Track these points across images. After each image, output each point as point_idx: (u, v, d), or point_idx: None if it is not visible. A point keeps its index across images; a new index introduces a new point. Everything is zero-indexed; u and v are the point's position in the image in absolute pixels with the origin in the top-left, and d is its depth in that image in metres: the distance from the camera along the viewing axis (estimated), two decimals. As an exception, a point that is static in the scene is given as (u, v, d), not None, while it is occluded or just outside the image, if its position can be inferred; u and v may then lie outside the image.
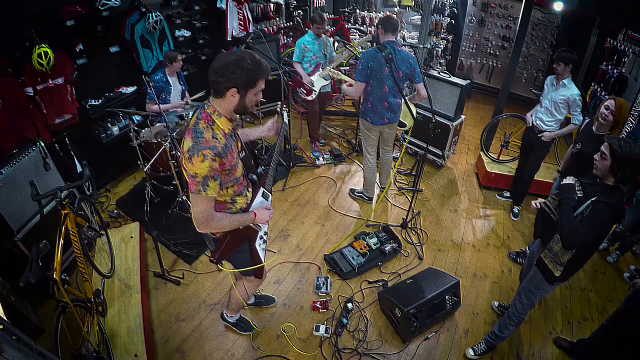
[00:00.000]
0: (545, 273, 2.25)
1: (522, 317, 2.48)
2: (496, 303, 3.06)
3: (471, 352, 2.69)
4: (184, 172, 1.70)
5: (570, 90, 3.23)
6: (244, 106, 1.70)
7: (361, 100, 3.56)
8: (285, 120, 2.23)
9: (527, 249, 3.39)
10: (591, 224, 1.95)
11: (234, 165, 1.79)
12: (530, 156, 3.71)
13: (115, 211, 3.83)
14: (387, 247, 3.38)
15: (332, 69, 3.87)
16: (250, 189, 2.00)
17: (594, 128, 2.79)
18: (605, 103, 2.66)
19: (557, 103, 3.32)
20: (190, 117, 3.24)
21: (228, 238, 1.92)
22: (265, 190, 2.05)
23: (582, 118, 3.32)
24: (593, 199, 1.97)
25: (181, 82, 4.00)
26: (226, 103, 1.67)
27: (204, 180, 1.61)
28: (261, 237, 2.09)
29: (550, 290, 2.36)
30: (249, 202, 1.97)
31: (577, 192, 2.10)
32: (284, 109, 2.35)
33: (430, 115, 3.28)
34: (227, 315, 2.72)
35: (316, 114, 4.53)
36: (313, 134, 4.83)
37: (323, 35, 4.35)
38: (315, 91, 4.34)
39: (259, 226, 2.03)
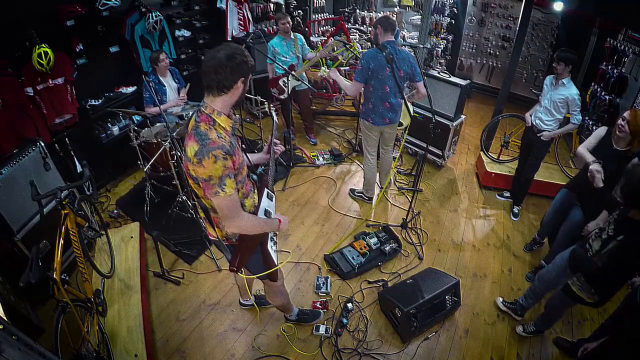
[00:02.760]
0: (574, 298, 2.25)
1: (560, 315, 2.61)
2: (500, 299, 3.05)
3: (521, 328, 2.81)
4: (191, 180, 1.68)
5: (569, 90, 3.23)
6: (244, 94, 1.73)
7: (361, 101, 3.55)
8: (275, 119, 2.24)
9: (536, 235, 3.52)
10: (617, 267, 1.95)
11: (242, 162, 1.79)
12: (529, 156, 3.71)
13: (115, 211, 3.84)
14: (387, 247, 3.38)
15: (327, 69, 3.87)
16: (255, 190, 2.00)
17: (613, 143, 2.64)
18: (623, 114, 2.55)
19: (556, 102, 3.32)
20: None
21: (244, 243, 1.90)
22: (269, 191, 2.04)
23: (581, 117, 3.32)
24: (619, 238, 1.94)
25: (176, 80, 3.97)
26: (229, 97, 1.65)
27: (220, 180, 1.58)
28: (272, 239, 2.07)
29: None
30: (256, 204, 1.96)
31: (610, 231, 2.05)
32: (272, 109, 2.37)
33: (430, 115, 3.29)
34: (289, 317, 2.80)
35: (289, 108, 4.51)
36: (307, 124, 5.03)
37: (293, 34, 4.37)
38: (286, 91, 4.38)
39: None
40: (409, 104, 3.40)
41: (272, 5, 5.96)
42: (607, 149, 2.66)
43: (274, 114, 2.27)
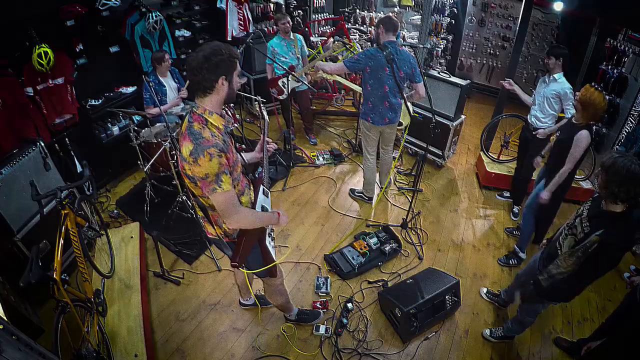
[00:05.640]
0: (542, 293, 2.16)
1: (531, 320, 2.55)
2: (484, 289, 3.14)
3: (487, 332, 2.81)
4: (188, 180, 1.70)
5: (561, 84, 3.24)
6: (234, 91, 1.72)
7: (361, 101, 3.56)
8: (266, 118, 2.27)
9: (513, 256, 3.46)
10: (594, 267, 1.84)
11: (236, 160, 1.81)
12: (527, 155, 3.70)
13: (115, 211, 3.83)
14: (387, 247, 3.38)
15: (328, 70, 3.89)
16: (251, 187, 2.03)
17: (573, 119, 2.87)
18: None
19: (549, 98, 3.32)
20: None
21: (244, 239, 1.92)
22: (265, 188, 2.07)
23: (575, 112, 3.33)
24: (597, 232, 1.80)
25: (176, 80, 3.97)
26: (216, 96, 1.67)
27: (216, 177, 1.61)
28: (269, 235, 2.11)
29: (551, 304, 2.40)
30: (252, 200, 1.99)
31: (584, 228, 1.92)
32: (262, 108, 2.39)
33: (430, 115, 3.29)
34: (289, 316, 2.80)
35: (289, 109, 4.53)
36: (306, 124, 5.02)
37: (293, 35, 4.36)
38: (285, 92, 4.40)
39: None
40: (408, 103, 3.40)
41: (272, 5, 5.95)
42: (567, 122, 3.00)
43: (265, 113, 2.30)
